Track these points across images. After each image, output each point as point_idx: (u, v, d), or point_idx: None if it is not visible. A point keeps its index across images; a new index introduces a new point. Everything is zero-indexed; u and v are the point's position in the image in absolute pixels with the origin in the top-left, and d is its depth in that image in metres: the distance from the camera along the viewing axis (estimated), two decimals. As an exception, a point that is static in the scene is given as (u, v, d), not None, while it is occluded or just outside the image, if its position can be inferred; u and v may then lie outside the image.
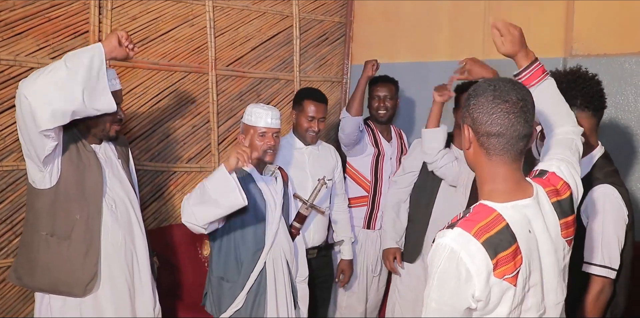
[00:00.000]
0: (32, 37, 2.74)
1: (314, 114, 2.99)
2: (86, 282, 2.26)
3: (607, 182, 2.00)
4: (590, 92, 2.05)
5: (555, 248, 1.45)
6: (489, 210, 1.39)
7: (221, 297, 2.49)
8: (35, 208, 2.27)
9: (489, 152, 1.44)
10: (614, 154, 2.89)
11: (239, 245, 2.48)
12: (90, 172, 2.30)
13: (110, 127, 2.36)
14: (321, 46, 3.97)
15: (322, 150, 3.16)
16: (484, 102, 1.42)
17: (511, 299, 1.35)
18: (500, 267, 1.32)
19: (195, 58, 3.38)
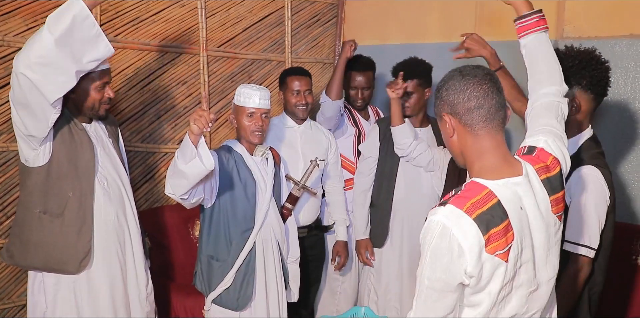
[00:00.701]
0: (20, 16, 2.71)
1: (298, 88, 3.03)
2: (80, 259, 2.28)
3: (591, 164, 2.03)
4: (598, 75, 2.07)
5: (547, 224, 1.48)
6: (481, 187, 1.41)
7: (211, 276, 2.51)
8: (27, 187, 2.27)
9: (473, 127, 1.47)
10: (602, 136, 2.92)
11: (228, 225, 2.49)
12: (82, 149, 2.30)
13: (100, 106, 2.35)
14: (313, 27, 3.95)
15: (315, 131, 3.16)
16: (455, 83, 1.48)
17: (502, 275, 1.37)
18: (492, 243, 1.34)
19: (186, 39, 3.36)
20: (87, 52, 2.11)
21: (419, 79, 2.94)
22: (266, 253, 2.56)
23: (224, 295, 2.50)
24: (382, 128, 3.08)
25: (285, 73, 3.14)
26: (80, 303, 2.34)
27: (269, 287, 2.58)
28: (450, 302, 1.39)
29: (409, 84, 2.91)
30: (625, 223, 2.83)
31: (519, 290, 1.43)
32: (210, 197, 2.44)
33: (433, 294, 1.38)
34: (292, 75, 3.08)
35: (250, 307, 2.53)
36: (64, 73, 2.06)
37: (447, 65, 3.05)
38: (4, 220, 2.81)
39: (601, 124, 2.98)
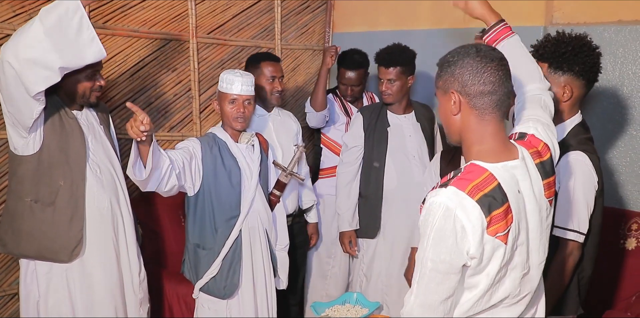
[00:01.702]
0: (7, 2, 2.68)
1: (273, 74, 2.94)
2: (72, 247, 2.28)
3: (579, 149, 2.04)
4: (590, 62, 2.07)
5: (540, 208, 1.50)
6: (481, 169, 1.42)
7: (197, 264, 2.52)
8: (18, 175, 2.27)
9: (481, 112, 1.46)
10: (590, 122, 2.93)
11: (213, 213, 2.49)
12: (73, 138, 2.30)
13: (91, 93, 2.34)
14: (303, 14, 3.93)
15: (284, 117, 3.12)
16: (472, 62, 1.44)
17: (501, 257, 1.39)
18: (493, 224, 1.36)
19: (175, 25, 3.33)
20: (75, 52, 2.08)
21: (402, 66, 2.94)
22: (253, 241, 2.56)
23: (210, 284, 2.51)
24: (366, 116, 3.08)
25: (258, 58, 3.00)
26: (73, 291, 2.35)
27: (257, 275, 2.59)
28: (452, 284, 1.39)
29: (392, 72, 2.91)
30: (613, 208, 2.86)
31: (512, 272, 1.45)
32: (192, 185, 2.44)
33: (437, 276, 1.38)
34: (267, 60, 2.96)
35: (238, 294, 2.55)
36: (48, 67, 2.04)
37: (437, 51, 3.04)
38: (-7, 208, 2.80)
39: (590, 109, 3.00)
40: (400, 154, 3.01)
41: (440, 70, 1.52)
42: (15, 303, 2.90)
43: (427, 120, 3.13)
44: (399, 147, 3.02)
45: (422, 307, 1.41)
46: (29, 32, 2.00)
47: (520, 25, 3.14)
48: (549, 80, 2.08)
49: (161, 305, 2.98)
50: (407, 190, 2.99)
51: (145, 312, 2.56)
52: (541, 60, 2.11)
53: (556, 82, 2.08)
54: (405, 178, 3.00)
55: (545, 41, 2.13)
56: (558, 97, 2.08)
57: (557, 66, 2.07)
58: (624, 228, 2.78)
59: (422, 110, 3.15)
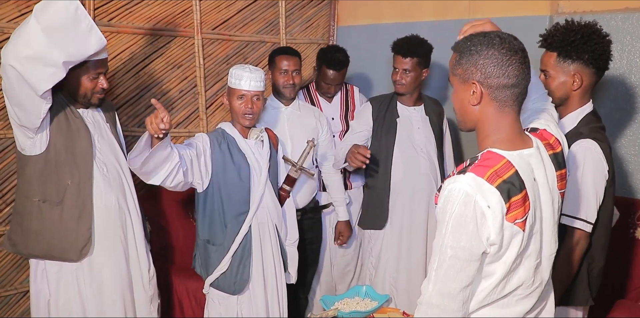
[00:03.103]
0: (13, 2, 2.69)
1: (286, 67, 2.99)
2: (80, 246, 2.29)
3: (590, 137, 2.02)
4: (600, 50, 2.05)
5: (552, 198, 1.49)
6: (499, 157, 1.41)
7: (208, 260, 2.52)
8: (25, 175, 2.28)
9: (502, 104, 1.45)
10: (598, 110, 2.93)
11: (222, 209, 2.49)
12: (79, 137, 2.30)
13: (92, 95, 2.34)
14: (307, 8, 3.91)
15: (304, 111, 3.13)
16: (497, 54, 1.42)
17: (519, 244, 1.39)
18: (512, 211, 1.36)
19: (180, 22, 3.33)
20: (76, 44, 2.07)
21: (419, 57, 2.92)
22: (263, 236, 2.56)
23: (221, 279, 2.51)
24: (376, 106, 3.07)
25: (274, 52, 3.10)
26: (84, 290, 2.36)
27: (267, 271, 2.59)
28: (472, 271, 1.38)
29: (408, 61, 2.90)
30: (623, 197, 2.85)
31: (527, 260, 1.45)
32: (201, 181, 2.44)
33: (457, 263, 1.37)
34: (281, 54, 3.04)
35: (249, 289, 2.55)
36: (52, 64, 2.03)
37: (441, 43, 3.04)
38: (3, 207, 2.82)
39: (597, 98, 2.98)
40: (408, 146, 3.01)
41: (460, 58, 1.48)
42: (27, 301, 2.92)
43: (437, 115, 3.12)
44: (406, 138, 3.02)
45: (440, 295, 1.40)
46: (27, 32, 1.99)
47: (525, 15, 3.15)
48: (558, 70, 2.08)
49: (171, 300, 3.00)
50: (413, 182, 2.99)
51: (156, 309, 2.57)
52: (550, 49, 2.10)
53: (565, 70, 2.07)
54: (412, 169, 3.00)
55: (554, 30, 2.11)
56: (568, 86, 2.07)
57: (566, 55, 2.05)
58: (633, 217, 2.77)
59: (432, 105, 3.14)
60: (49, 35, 1.99)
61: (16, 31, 2.04)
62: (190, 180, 2.37)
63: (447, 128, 3.20)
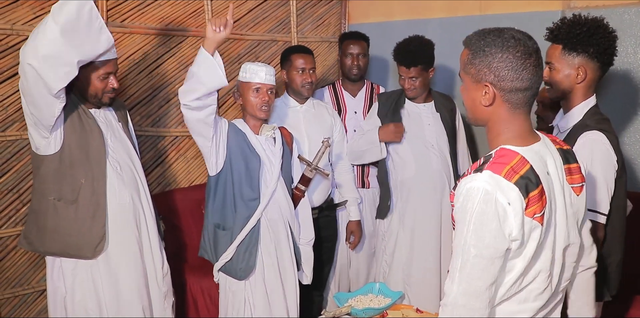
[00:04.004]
0: (28, 5, 2.73)
1: (303, 66, 2.98)
2: (95, 243, 2.32)
3: (596, 129, 2.01)
4: (605, 44, 2.04)
5: (564, 191, 1.49)
6: (513, 153, 1.41)
7: (217, 244, 2.55)
8: (41, 174, 2.31)
9: (514, 106, 1.45)
10: (609, 104, 2.92)
11: (233, 193, 2.52)
12: (92, 136, 2.33)
13: (103, 95, 2.37)
14: (318, 6, 3.92)
15: (319, 109, 3.14)
16: (512, 58, 1.40)
17: (537, 238, 1.39)
18: (531, 206, 1.36)
19: (192, 22, 3.36)
20: (89, 43, 2.14)
21: (422, 64, 2.92)
22: (274, 232, 2.57)
23: (228, 265, 2.54)
24: (382, 102, 3.08)
25: (289, 51, 3.09)
26: (99, 286, 2.39)
27: (280, 265, 2.61)
28: (497, 269, 1.37)
29: (413, 71, 2.91)
30: (634, 192, 2.81)
31: (543, 252, 1.45)
32: (216, 159, 2.48)
33: (481, 262, 1.36)
34: (297, 53, 3.03)
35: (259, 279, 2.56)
36: (68, 63, 2.09)
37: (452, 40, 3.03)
38: (20, 207, 2.86)
39: (609, 92, 2.96)
40: (419, 142, 3.01)
41: (473, 57, 1.46)
42: (44, 299, 2.96)
43: (448, 110, 3.11)
44: (417, 135, 3.02)
45: (466, 295, 1.38)
46: (44, 32, 2.03)
47: (537, 10, 3.14)
48: (562, 62, 2.06)
49: (185, 299, 3.03)
50: (425, 179, 2.99)
51: (170, 306, 2.59)
52: (555, 41, 2.09)
53: (570, 63, 2.06)
54: (424, 166, 3.00)
55: (561, 23, 2.11)
56: (571, 79, 2.07)
57: (571, 47, 2.04)
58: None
59: (443, 101, 3.13)
60: (65, 35, 2.03)
61: (34, 31, 2.08)
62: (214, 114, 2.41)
63: (460, 124, 3.19)
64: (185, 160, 3.49)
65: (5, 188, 2.79)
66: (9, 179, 2.80)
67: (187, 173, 3.52)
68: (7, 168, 2.79)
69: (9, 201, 2.82)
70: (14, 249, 2.85)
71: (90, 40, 2.13)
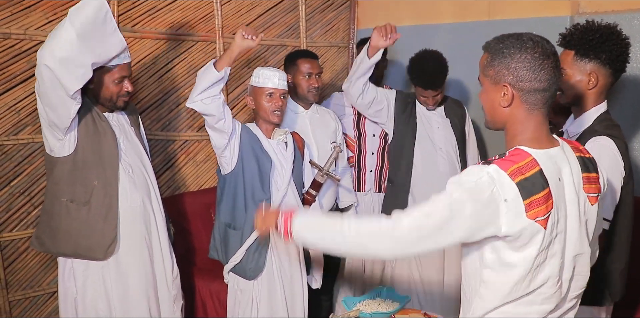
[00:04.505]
0: (40, 10, 2.76)
1: (310, 70, 2.99)
2: (106, 245, 2.35)
3: (605, 134, 2.01)
4: (617, 50, 2.04)
5: (578, 199, 1.50)
6: (525, 154, 1.43)
7: (227, 244, 2.58)
8: (54, 176, 2.34)
9: (532, 107, 1.47)
10: (620, 110, 2.91)
11: (244, 193, 2.55)
12: (105, 139, 2.36)
13: (117, 98, 2.40)
14: (327, 11, 3.94)
15: (322, 114, 3.14)
16: (530, 58, 1.43)
17: (540, 242, 1.40)
18: (534, 208, 1.37)
19: (202, 27, 3.38)
20: (103, 46, 2.18)
21: (441, 83, 2.99)
22: None
23: (237, 265, 2.57)
24: (400, 98, 3.12)
25: (294, 55, 3.09)
26: (110, 288, 2.41)
27: (293, 273, 2.63)
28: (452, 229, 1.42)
29: (432, 92, 2.98)
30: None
31: (552, 259, 1.45)
32: (230, 157, 2.52)
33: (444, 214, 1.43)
34: (303, 57, 3.04)
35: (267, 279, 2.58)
36: (83, 65, 2.13)
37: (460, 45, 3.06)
38: (31, 210, 2.89)
39: (620, 98, 2.96)
40: (427, 145, 3.03)
41: (491, 59, 1.50)
42: (54, 301, 2.99)
43: (458, 117, 3.14)
44: (426, 137, 3.06)
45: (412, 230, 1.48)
46: (61, 34, 2.07)
47: (546, 15, 3.14)
48: (574, 68, 2.07)
49: (194, 302, 3.04)
50: (431, 180, 3.00)
51: (179, 309, 2.61)
52: (568, 47, 2.09)
53: (582, 69, 2.06)
54: (430, 168, 3.03)
55: (574, 29, 2.11)
56: (583, 85, 2.07)
57: (584, 53, 2.04)
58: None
59: (454, 106, 3.16)
60: (81, 38, 2.08)
61: (52, 33, 2.12)
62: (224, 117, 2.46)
63: (470, 130, 3.20)
64: (195, 164, 3.52)
65: (17, 191, 2.82)
66: (21, 182, 2.83)
67: (196, 177, 3.54)
68: (18, 171, 2.82)
69: (21, 204, 2.84)
70: (25, 251, 2.88)
71: (103, 42, 2.17)
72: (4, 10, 2.65)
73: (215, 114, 2.41)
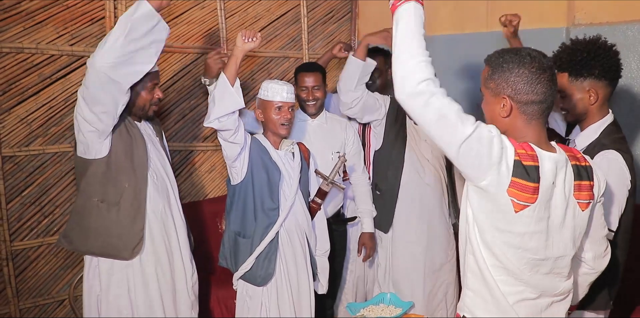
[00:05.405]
0: (51, 25, 2.84)
1: (306, 84, 3.07)
2: (133, 245, 2.43)
3: (613, 148, 2.06)
4: (609, 62, 2.10)
5: (567, 204, 1.58)
6: (531, 148, 1.54)
7: (237, 252, 2.63)
8: (87, 177, 2.42)
9: (529, 117, 1.58)
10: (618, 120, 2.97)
11: (254, 202, 2.61)
12: (137, 145, 2.46)
13: (149, 106, 2.52)
14: (328, 24, 4.03)
15: (331, 124, 3.18)
16: (527, 73, 1.55)
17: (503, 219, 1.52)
18: (515, 188, 1.48)
19: (207, 39, 3.46)
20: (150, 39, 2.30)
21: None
22: (292, 242, 2.66)
23: (247, 273, 2.62)
24: (393, 106, 3.11)
25: (297, 69, 3.18)
26: (132, 287, 2.49)
27: (298, 275, 2.68)
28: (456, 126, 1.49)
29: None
30: None
31: (524, 252, 1.55)
32: (241, 167, 2.57)
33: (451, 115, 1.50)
34: (302, 71, 3.12)
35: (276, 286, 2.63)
36: (140, 62, 2.26)
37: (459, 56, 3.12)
38: (41, 219, 2.95)
39: (616, 108, 2.99)
40: (414, 155, 3.07)
41: (492, 73, 1.61)
42: (63, 309, 3.06)
43: None
44: (414, 148, 3.10)
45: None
46: (112, 41, 2.18)
47: (542, 27, 3.21)
48: (572, 88, 2.13)
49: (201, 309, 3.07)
50: (416, 190, 3.06)
51: (196, 314, 2.69)
52: (560, 70, 2.14)
53: (580, 87, 2.12)
54: (416, 178, 3.07)
55: (561, 51, 2.18)
56: (585, 102, 2.12)
57: (577, 73, 2.10)
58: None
59: None
60: (133, 42, 2.20)
61: (104, 40, 2.22)
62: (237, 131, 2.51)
63: None
64: (200, 174, 3.58)
65: (28, 201, 2.88)
66: (32, 192, 2.89)
67: (201, 187, 3.60)
68: (29, 182, 2.88)
69: (32, 213, 2.91)
70: (35, 260, 2.94)
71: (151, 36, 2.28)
72: (16, 26, 2.73)
73: (232, 128, 2.47)
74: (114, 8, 3.02)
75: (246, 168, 2.59)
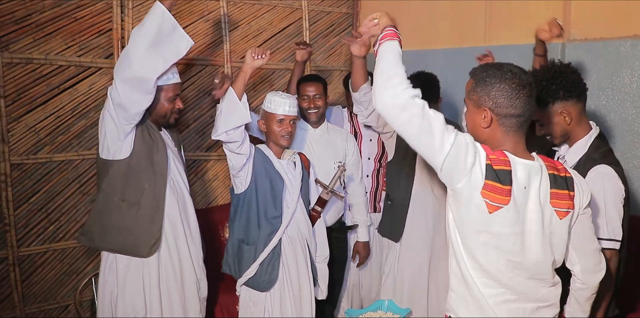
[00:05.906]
0: (60, 36, 2.92)
1: (308, 93, 3.17)
2: (151, 243, 2.51)
3: (604, 162, 2.12)
4: (568, 82, 2.15)
5: (542, 210, 1.65)
6: (504, 155, 1.63)
7: (241, 259, 2.69)
8: (109, 176, 2.49)
9: (507, 129, 1.68)
10: (610, 134, 3.03)
11: (257, 210, 2.67)
12: (157, 148, 2.54)
13: (171, 115, 2.61)
14: (330, 36, 4.11)
15: (332, 134, 3.26)
16: (508, 88, 1.65)
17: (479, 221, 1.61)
18: (488, 190, 1.58)
19: (211, 52, 3.54)
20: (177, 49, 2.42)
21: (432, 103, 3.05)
22: (294, 249, 2.72)
23: (250, 279, 2.68)
24: None
25: (300, 80, 3.29)
26: (147, 285, 2.55)
27: (302, 285, 2.74)
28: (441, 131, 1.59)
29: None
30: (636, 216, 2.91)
31: (501, 253, 1.63)
32: (245, 176, 2.64)
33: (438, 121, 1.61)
34: (304, 81, 3.23)
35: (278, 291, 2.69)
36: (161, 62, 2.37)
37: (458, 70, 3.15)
38: (48, 225, 3.02)
39: (609, 121, 3.09)
40: (424, 166, 3.12)
41: (475, 85, 1.70)
42: (68, 314, 3.11)
43: None
44: (421, 159, 3.13)
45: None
46: (134, 53, 2.29)
47: (538, 42, 3.28)
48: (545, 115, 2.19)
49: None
50: (426, 201, 3.11)
51: None
52: None
53: (552, 112, 2.17)
54: (426, 189, 3.12)
55: None
56: (562, 124, 2.18)
57: (544, 101, 2.15)
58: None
59: None
60: (153, 47, 2.31)
61: (125, 50, 2.34)
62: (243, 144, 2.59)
63: None
64: (203, 183, 3.64)
65: (35, 207, 2.95)
66: (39, 199, 2.96)
67: (204, 195, 3.66)
68: (37, 189, 2.95)
69: (38, 220, 2.97)
70: (41, 265, 3.00)
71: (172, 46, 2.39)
72: (27, 37, 2.81)
73: (239, 140, 2.55)
74: (121, 20, 3.11)
75: (250, 178, 2.65)
